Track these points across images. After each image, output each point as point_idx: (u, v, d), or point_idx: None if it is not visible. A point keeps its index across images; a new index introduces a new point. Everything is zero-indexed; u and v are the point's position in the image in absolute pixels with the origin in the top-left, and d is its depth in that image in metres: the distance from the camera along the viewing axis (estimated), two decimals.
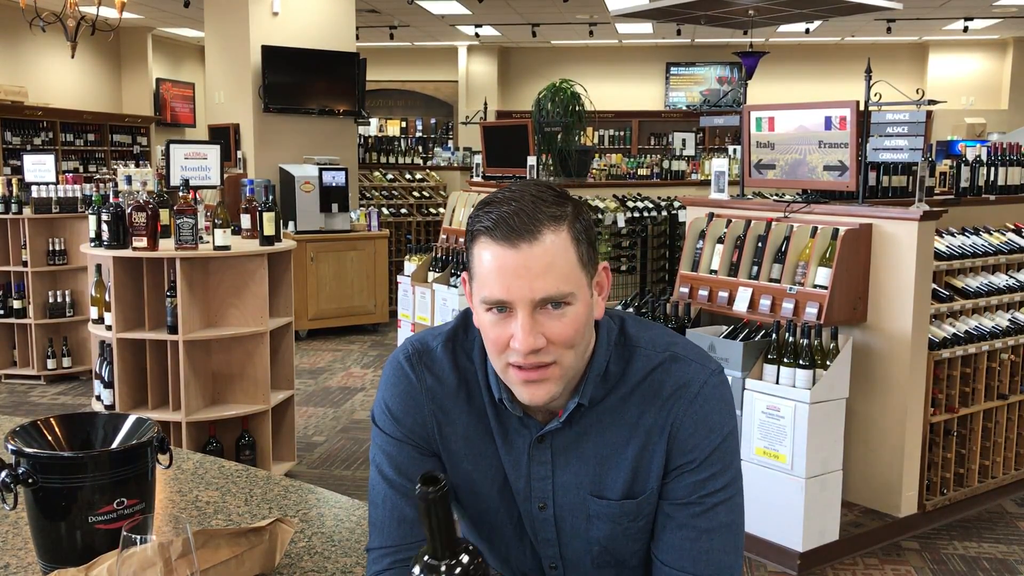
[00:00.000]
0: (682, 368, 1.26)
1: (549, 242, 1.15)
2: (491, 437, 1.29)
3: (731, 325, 3.89)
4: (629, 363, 1.27)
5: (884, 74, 4.32)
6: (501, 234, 1.15)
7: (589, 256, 1.20)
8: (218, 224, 3.91)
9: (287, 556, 1.39)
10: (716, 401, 1.25)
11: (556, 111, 6.91)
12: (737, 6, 8.30)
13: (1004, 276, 4.27)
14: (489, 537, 1.35)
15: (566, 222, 1.17)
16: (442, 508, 0.91)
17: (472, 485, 1.31)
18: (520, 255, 1.14)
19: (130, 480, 1.27)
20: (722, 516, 1.25)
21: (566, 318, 1.16)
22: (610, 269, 1.27)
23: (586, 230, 1.20)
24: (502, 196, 1.18)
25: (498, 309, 1.17)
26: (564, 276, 1.16)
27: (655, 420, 1.24)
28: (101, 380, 4.14)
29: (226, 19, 8.18)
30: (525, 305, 1.15)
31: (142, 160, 12.14)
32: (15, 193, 6.10)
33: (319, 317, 7.78)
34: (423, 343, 1.32)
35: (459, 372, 1.30)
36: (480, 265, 1.18)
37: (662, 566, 1.26)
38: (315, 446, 5.07)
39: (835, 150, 3.95)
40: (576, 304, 1.17)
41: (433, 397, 1.29)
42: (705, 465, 1.24)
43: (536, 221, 1.15)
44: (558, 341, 1.16)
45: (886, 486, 3.86)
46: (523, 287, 1.14)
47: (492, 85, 15.11)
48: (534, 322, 1.15)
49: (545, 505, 1.29)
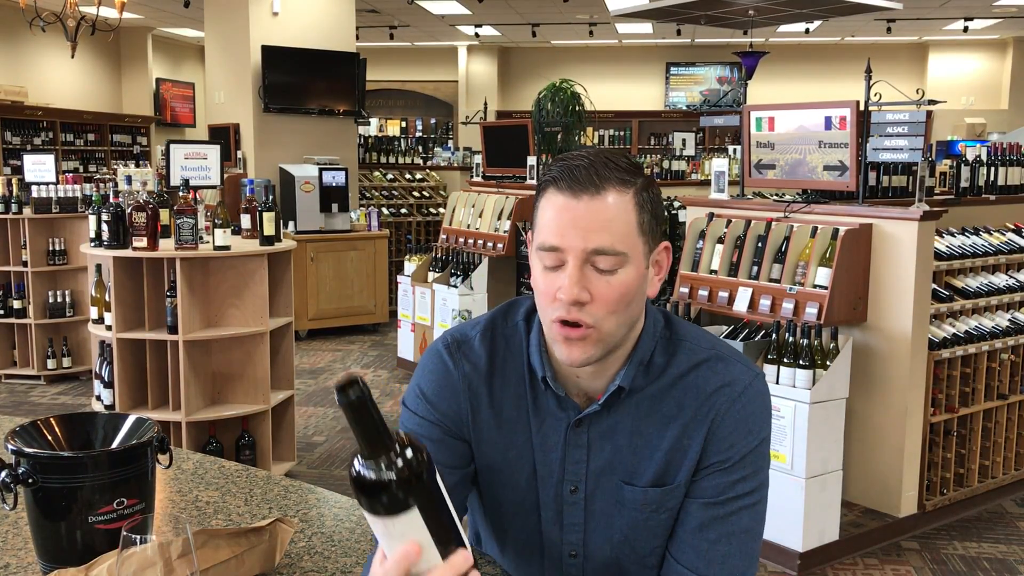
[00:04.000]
0: (727, 367, 1.27)
1: (611, 200, 1.17)
2: (526, 422, 1.30)
3: (731, 325, 3.89)
4: (673, 356, 1.28)
5: (884, 74, 4.32)
6: (566, 184, 1.17)
7: (651, 228, 1.21)
8: (218, 224, 3.91)
9: (287, 556, 1.39)
10: (758, 404, 1.27)
11: (556, 111, 6.92)
12: (737, 6, 8.30)
13: (1004, 276, 4.27)
14: (511, 523, 1.35)
15: (633, 188, 1.19)
16: (371, 408, 0.86)
17: (501, 470, 1.31)
18: (580, 205, 1.16)
19: (130, 480, 1.27)
20: (745, 521, 1.25)
21: (615, 281, 1.17)
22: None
23: (653, 202, 1.22)
24: (576, 153, 1.21)
25: (551, 261, 1.18)
26: (620, 235, 1.17)
27: (695, 414, 1.25)
28: (101, 380, 4.14)
29: (226, 19, 8.18)
30: (577, 254, 1.16)
31: (142, 160, 12.13)
32: (15, 193, 6.10)
33: (319, 317, 7.78)
34: (462, 333, 1.34)
35: (497, 358, 1.31)
36: (542, 215, 1.20)
37: (675, 564, 1.26)
38: (315, 446, 5.07)
39: (835, 150, 3.95)
40: (627, 268, 1.18)
41: (469, 384, 1.31)
42: (738, 467, 1.24)
43: (603, 178, 1.17)
44: (601, 302, 1.17)
45: (886, 486, 3.86)
46: (577, 236, 1.16)
47: (492, 85, 15.11)
48: (582, 275, 1.16)
49: (576, 488, 1.29)
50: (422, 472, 0.87)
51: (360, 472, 0.86)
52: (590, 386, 1.28)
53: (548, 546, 1.34)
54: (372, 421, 0.86)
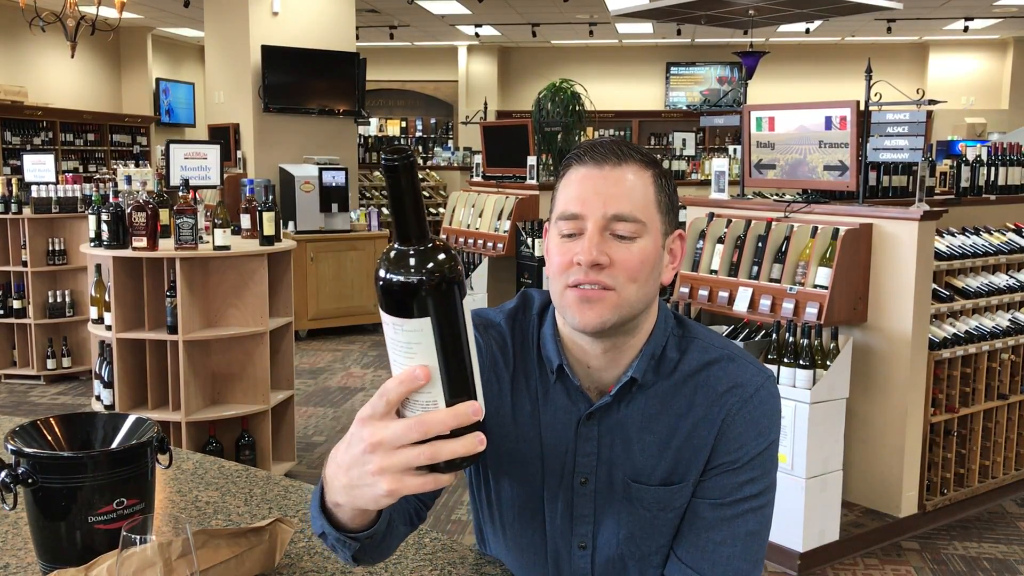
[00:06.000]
0: (739, 368, 1.27)
1: (632, 172, 1.21)
2: (537, 415, 1.30)
3: (731, 325, 3.89)
4: (686, 352, 1.29)
5: (884, 74, 4.32)
6: (589, 157, 1.22)
7: (668, 209, 1.25)
8: (218, 224, 3.91)
9: (287, 556, 1.38)
10: (769, 406, 1.27)
11: (556, 111, 6.92)
12: (737, 6, 8.30)
13: (1004, 276, 4.27)
14: (519, 515, 1.35)
15: (652, 169, 1.24)
16: (415, 185, 0.82)
17: (512, 460, 1.31)
18: (602, 173, 1.20)
19: (130, 480, 1.26)
20: (751, 524, 1.25)
21: (634, 248, 1.19)
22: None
23: (669, 188, 1.26)
24: (599, 140, 1.26)
25: (570, 228, 1.20)
26: (639, 205, 1.20)
27: (706, 413, 1.25)
28: (101, 380, 4.14)
29: (226, 19, 8.18)
30: (596, 219, 1.18)
31: (142, 160, 12.14)
32: (15, 193, 6.10)
33: (319, 317, 7.78)
34: (487, 317, 1.35)
35: (517, 346, 1.32)
36: (564, 190, 1.23)
37: (679, 563, 1.26)
38: (315, 446, 5.07)
39: (835, 150, 3.95)
40: (645, 239, 1.20)
41: (494, 364, 1.31)
42: (747, 468, 1.25)
43: (624, 154, 1.22)
44: (621, 267, 1.18)
45: (886, 486, 3.86)
46: (598, 202, 1.18)
47: (492, 85, 15.12)
48: (602, 240, 1.18)
49: (587, 480, 1.29)
50: (452, 280, 0.81)
51: (386, 255, 0.83)
52: (601, 378, 1.28)
53: (557, 539, 1.33)
54: (412, 200, 0.81)
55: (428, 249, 0.82)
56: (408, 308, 0.81)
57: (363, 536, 1.04)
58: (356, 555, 1.08)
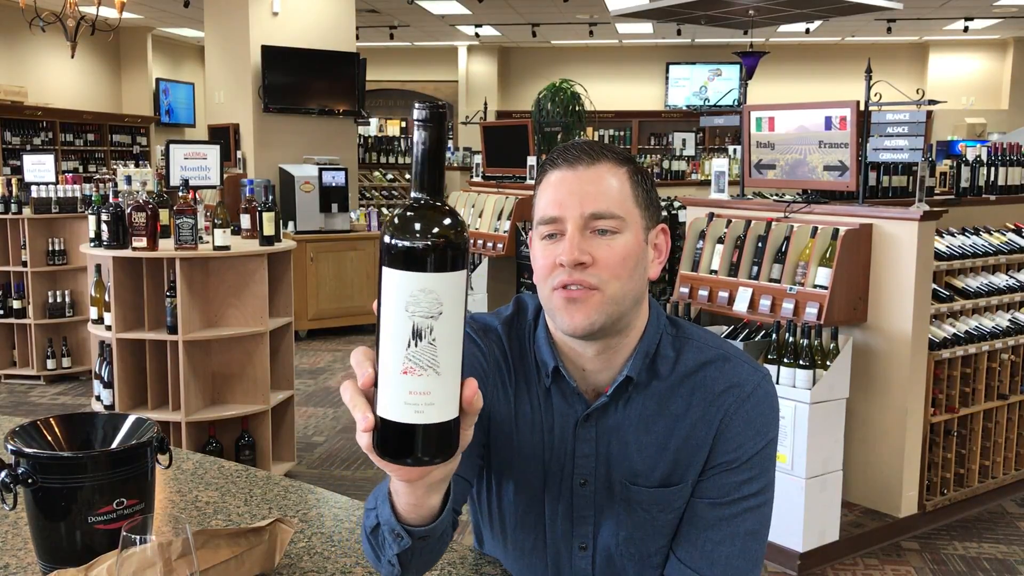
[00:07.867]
0: (736, 368, 1.28)
1: (606, 170, 1.22)
2: (538, 419, 1.30)
3: (731, 325, 3.89)
4: (681, 352, 1.29)
5: (884, 74, 4.32)
6: (563, 160, 1.24)
7: (647, 204, 1.25)
8: (218, 224, 3.91)
9: (287, 556, 1.38)
10: (767, 405, 1.27)
11: (556, 111, 6.92)
12: (737, 6, 8.30)
13: (1004, 276, 4.27)
14: (522, 519, 1.35)
15: (627, 166, 1.25)
16: (443, 138, 0.83)
17: (512, 465, 1.31)
18: (576, 174, 1.22)
19: (130, 480, 1.26)
20: (749, 523, 1.25)
21: (615, 244, 1.19)
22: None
23: (646, 184, 1.26)
24: (572, 142, 1.27)
25: (550, 230, 1.21)
26: (616, 201, 1.20)
27: (703, 414, 1.25)
28: (101, 380, 4.14)
29: (226, 19, 8.18)
30: (575, 220, 1.19)
31: (142, 160, 12.14)
32: (15, 193, 6.10)
33: (319, 317, 7.78)
34: (485, 322, 1.36)
35: (515, 351, 1.33)
36: (541, 196, 1.24)
37: (678, 563, 1.26)
38: (315, 446, 5.07)
39: (835, 150, 3.95)
40: (626, 235, 1.20)
41: (498, 368, 1.32)
42: (745, 467, 1.25)
43: (597, 153, 1.24)
44: (603, 264, 1.18)
45: (886, 486, 3.86)
46: (574, 203, 1.20)
47: (492, 85, 15.11)
48: (582, 239, 1.19)
49: (586, 481, 1.29)
50: (457, 247, 0.80)
51: (403, 204, 0.83)
52: (597, 379, 1.28)
53: (558, 540, 1.33)
54: (437, 153, 0.83)
55: (444, 208, 0.83)
56: (414, 259, 0.79)
57: (421, 532, 1.01)
58: (403, 558, 1.05)
